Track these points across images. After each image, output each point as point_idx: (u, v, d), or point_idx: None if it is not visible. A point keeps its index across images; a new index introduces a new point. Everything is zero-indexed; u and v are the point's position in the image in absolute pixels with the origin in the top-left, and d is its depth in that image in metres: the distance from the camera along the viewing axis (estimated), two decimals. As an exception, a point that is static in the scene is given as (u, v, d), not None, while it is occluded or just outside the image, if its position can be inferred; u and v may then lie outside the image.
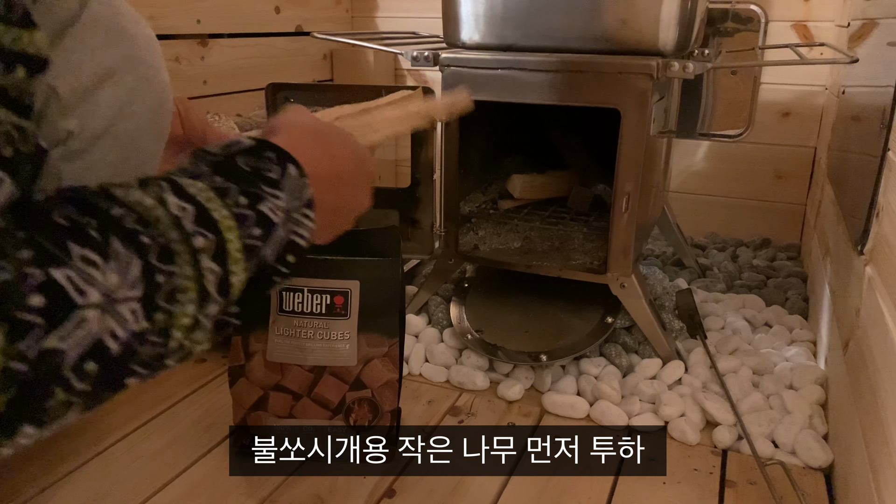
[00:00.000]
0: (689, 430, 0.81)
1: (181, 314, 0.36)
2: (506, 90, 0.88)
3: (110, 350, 0.33)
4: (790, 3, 1.33)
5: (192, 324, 0.37)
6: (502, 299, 1.03)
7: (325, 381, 0.74)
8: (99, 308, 0.32)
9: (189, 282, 0.36)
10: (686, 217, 1.37)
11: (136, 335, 0.34)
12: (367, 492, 0.72)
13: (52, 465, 0.75)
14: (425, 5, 1.12)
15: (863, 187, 0.78)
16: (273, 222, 0.41)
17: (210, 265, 0.37)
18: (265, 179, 0.41)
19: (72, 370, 0.31)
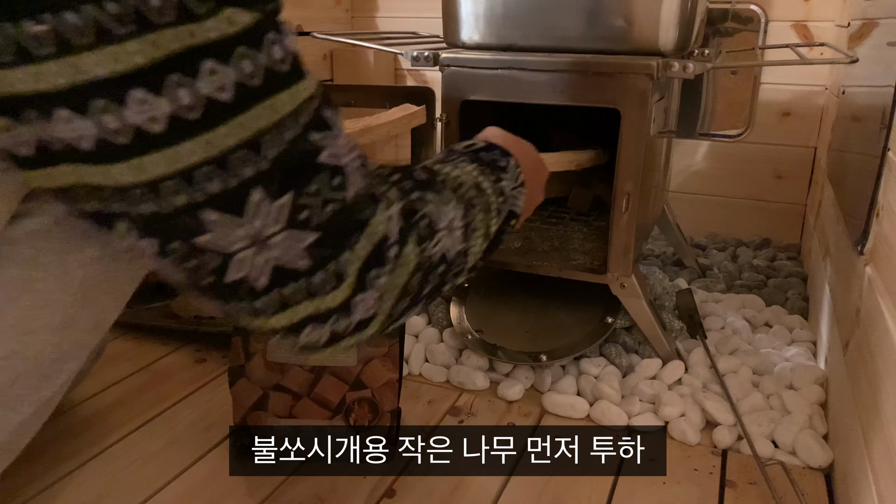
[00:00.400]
0: (689, 430, 0.81)
1: (474, 244, 0.56)
2: (506, 90, 0.88)
3: (448, 259, 0.52)
4: (790, 3, 1.33)
5: (478, 252, 0.57)
6: (502, 299, 1.03)
7: (325, 381, 0.74)
8: (445, 231, 0.51)
9: (480, 224, 0.56)
10: (686, 217, 1.37)
11: (458, 252, 0.53)
12: (367, 492, 0.72)
13: (52, 465, 0.75)
14: (425, 5, 1.12)
15: (863, 187, 0.79)
16: (506, 194, 0.60)
17: (487, 215, 0.57)
18: (498, 167, 0.61)
19: (434, 271, 0.51)
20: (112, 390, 0.91)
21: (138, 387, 0.92)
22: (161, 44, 0.34)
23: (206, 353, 1.00)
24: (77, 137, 0.35)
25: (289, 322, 0.44)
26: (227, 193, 0.38)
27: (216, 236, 0.39)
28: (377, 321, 0.47)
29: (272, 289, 0.42)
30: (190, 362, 0.98)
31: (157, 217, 0.38)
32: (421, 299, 0.51)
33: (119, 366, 0.96)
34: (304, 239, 0.41)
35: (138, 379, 0.94)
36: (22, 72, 0.33)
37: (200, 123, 0.36)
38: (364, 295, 0.45)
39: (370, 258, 0.45)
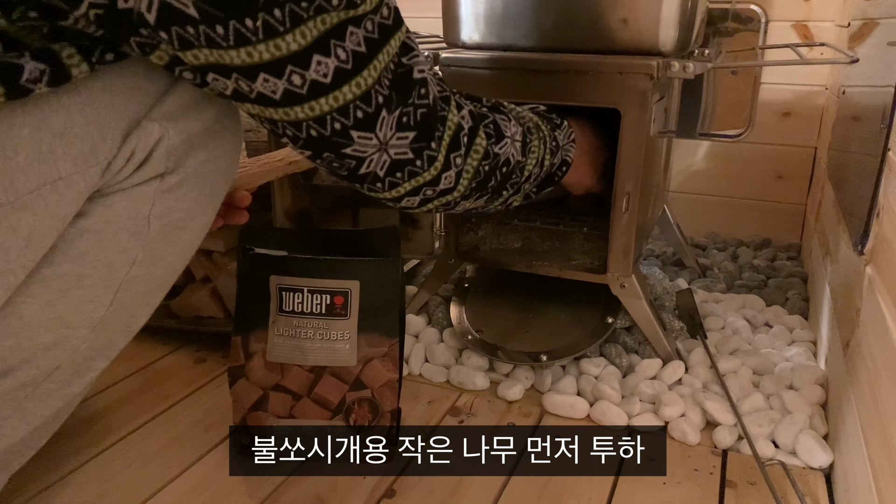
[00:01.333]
0: (690, 431, 0.81)
1: (531, 162, 0.73)
2: (506, 90, 0.88)
3: (510, 164, 0.70)
4: (790, 3, 1.33)
5: (531, 172, 0.74)
6: (502, 299, 1.03)
7: (325, 382, 0.74)
8: (509, 140, 0.69)
9: (536, 149, 0.73)
10: (686, 217, 1.37)
11: (517, 162, 0.70)
12: (367, 492, 0.72)
13: (52, 465, 0.75)
14: (425, 5, 1.12)
15: (863, 187, 0.78)
16: (559, 144, 0.78)
17: (542, 147, 0.74)
18: (554, 124, 0.78)
19: (497, 172, 0.68)
20: (112, 390, 0.91)
21: (138, 387, 0.92)
22: (328, 20, 0.48)
23: (206, 353, 1.00)
24: (272, 91, 0.49)
25: (396, 195, 0.62)
26: (367, 117, 0.54)
27: (358, 146, 0.55)
28: (458, 191, 0.66)
29: (388, 175, 0.59)
30: (190, 362, 0.98)
31: (318, 137, 0.53)
32: (486, 191, 0.69)
33: (119, 366, 0.96)
34: (407, 137, 0.58)
35: (138, 379, 0.94)
36: (237, 51, 0.47)
37: (351, 71, 0.51)
38: (448, 172, 0.63)
39: (451, 144, 0.62)
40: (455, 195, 0.66)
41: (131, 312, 0.59)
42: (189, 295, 1.03)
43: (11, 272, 0.48)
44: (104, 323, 0.56)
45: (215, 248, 1.01)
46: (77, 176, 0.48)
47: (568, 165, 0.79)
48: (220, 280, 1.01)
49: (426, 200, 0.65)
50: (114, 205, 0.53)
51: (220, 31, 0.45)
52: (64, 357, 0.55)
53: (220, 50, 0.47)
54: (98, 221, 0.52)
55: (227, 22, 0.45)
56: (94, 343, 0.57)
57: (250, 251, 0.76)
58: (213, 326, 1.01)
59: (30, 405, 0.56)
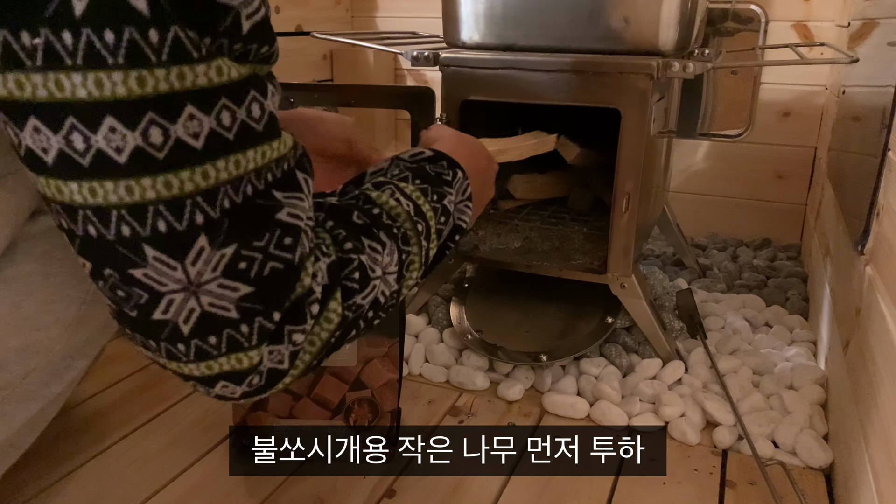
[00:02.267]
0: (690, 431, 0.81)
1: (410, 278, 0.53)
2: (506, 90, 0.88)
3: (380, 303, 0.50)
4: (790, 3, 1.33)
5: (413, 283, 0.54)
6: (502, 299, 1.03)
7: (325, 381, 0.74)
8: (379, 279, 0.49)
9: (416, 256, 0.53)
10: (686, 217, 1.37)
11: (391, 293, 0.51)
12: (367, 492, 0.72)
13: (52, 465, 0.75)
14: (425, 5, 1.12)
15: (863, 187, 0.78)
16: (450, 212, 0.57)
17: (424, 244, 0.54)
18: (444, 181, 0.57)
19: (363, 317, 0.49)
20: (112, 390, 0.91)
21: (138, 387, 0.92)
22: (147, 81, 0.35)
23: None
24: (42, 149, 0.36)
25: (203, 375, 0.42)
26: (173, 235, 0.38)
27: (152, 272, 0.38)
28: (292, 374, 0.46)
29: (195, 336, 0.40)
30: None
31: (98, 241, 0.38)
32: (345, 342, 0.50)
33: (119, 366, 0.96)
34: (238, 290, 0.40)
35: (138, 379, 0.94)
36: (5, 77, 0.34)
37: (164, 164, 0.36)
38: (279, 347, 0.43)
39: (288, 314, 0.43)
40: (290, 377, 0.46)
41: None
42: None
43: None
44: (80, 322, 0.54)
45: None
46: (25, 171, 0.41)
47: (462, 231, 0.60)
48: (220, 280, 1.01)
49: (250, 394, 0.45)
50: None
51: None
52: (38, 359, 0.53)
53: None
54: None
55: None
56: (70, 342, 0.55)
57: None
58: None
59: (8, 408, 0.54)
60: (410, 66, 0.99)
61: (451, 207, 0.57)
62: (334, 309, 0.46)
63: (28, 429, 0.58)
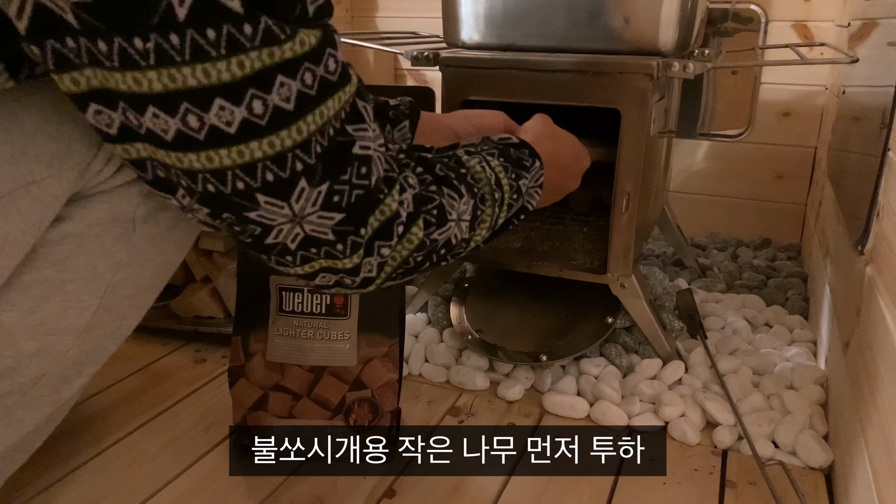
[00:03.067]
0: (690, 431, 0.81)
1: (479, 233, 0.62)
2: (506, 90, 0.88)
3: (451, 244, 0.59)
4: (790, 3, 1.33)
5: (480, 239, 0.63)
6: (502, 299, 1.03)
7: (325, 381, 0.74)
8: (454, 223, 0.58)
9: (488, 217, 0.62)
10: (686, 217, 1.37)
11: (461, 239, 0.60)
12: (367, 492, 0.72)
13: (52, 465, 0.75)
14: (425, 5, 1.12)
15: (863, 187, 0.78)
16: (522, 192, 0.65)
17: (496, 210, 0.62)
18: (523, 165, 0.65)
19: (436, 252, 0.58)
20: (112, 390, 0.91)
21: (138, 387, 0.92)
22: (245, 64, 0.40)
23: (206, 353, 1.00)
24: (162, 129, 0.41)
25: (307, 272, 0.52)
26: (279, 182, 0.45)
27: (264, 213, 0.46)
28: (377, 282, 0.55)
29: (300, 250, 0.50)
30: (190, 362, 0.98)
31: (217, 195, 0.45)
32: (418, 270, 0.58)
33: (119, 366, 0.96)
34: (333, 218, 0.49)
35: (138, 379, 0.94)
36: (124, 75, 0.39)
37: (266, 128, 0.43)
38: (370, 259, 0.53)
39: (379, 232, 0.52)
40: (376, 284, 0.56)
41: (120, 316, 0.58)
42: (189, 295, 1.03)
43: None
44: (91, 328, 0.55)
45: (215, 248, 1.01)
46: (52, 179, 0.46)
47: (527, 211, 0.68)
48: (220, 280, 1.01)
49: (341, 285, 0.54)
50: (95, 207, 0.51)
51: (102, 48, 0.38)
52: (50, 364, 0.54)
53: (103, 70, 0.39)
54: (79, 225, 0.50)
55: (111, 38, 0.38)
56: (82, 348, 0.55)
57: (250, 251, 0.76)
58: (213, 326, 1.01)
59: (18, 412, 0.54)
60: (410, 66, 0.99)
61: (524, 189, 0.65)
62: (416, 233, 0.55)
63: (36, 434, 0.59)
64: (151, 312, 1.04)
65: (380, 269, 0.54)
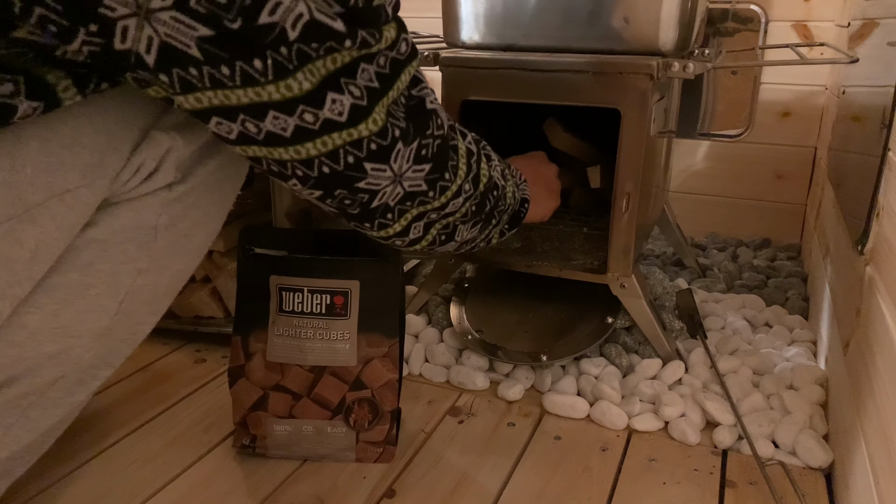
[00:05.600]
0: (690, 431, 0.81)
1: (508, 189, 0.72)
2: (506, 90, 0.88)
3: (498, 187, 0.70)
4: (790, 3, 1.33)
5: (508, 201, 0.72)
6: (502, 299, 1.03)
7: (325, 381, 0.74)
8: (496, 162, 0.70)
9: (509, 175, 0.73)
10: (686, 217, 1.37)
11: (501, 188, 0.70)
12: (367, 492, 0.72)
13: (52, 465, 0.75)
14: (425, 5, 1.12)
15: (863, 187, 0.78)
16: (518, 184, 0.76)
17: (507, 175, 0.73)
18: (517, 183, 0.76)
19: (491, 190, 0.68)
20: (112, 390, 0.91)
21: (138, 387, 0.92)
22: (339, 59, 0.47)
23: (206, 353, 1.00)
24: (282, 129, 0.48)
25: (403, 225, 0.60)
26: (382, 149, 0.52)
27: (371, 179, 0.54)
28: (458, 214, 0.64)
29: (399, 204, 0.58)
30: (190, 362, 0.98)
31: (330, 174, 0.52)
32: (481, 218, 0.68)
33: (119, 366, 0.96)
34: (423, 169, 0.57)
35: (138, 379, 0.94)
36: (244, 90, 0.45)
37: (365, 108, 0.50)
38: (456, 200, 0.62)
39: (466, 172, 0.62)
40: (456, 217, 0.64)
41: (137, 321, 0.59)
42: (189, 295, 1.02)
43: (17, 283, 0.47)
44: (109, 332, 0.56)
45: (215, 248, 1.01)
46: (85, 188, 0.48)
47: (528, 202, 0.77)
48: (220, 280, 1.01)
49: (430, 224, 0.63)
50: (120, 215, 0.52)
51: (225, 72, 0.44)
52: (68, 366, 0.55)
53: (225, 90, 0.45)
54: (104, 231, 0.52)
55: (234, 63, 0.43)
56: (98, 352, 0.57)
57: (250, 251, 0.76)
58: (213, 326, 1.01)
59: (34, 414, 0.55)
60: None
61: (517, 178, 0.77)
62: (484, 168, 0.66)
63: (47, 436, 0.59)
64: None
65: (464, 203, 0.63)
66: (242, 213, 1.02)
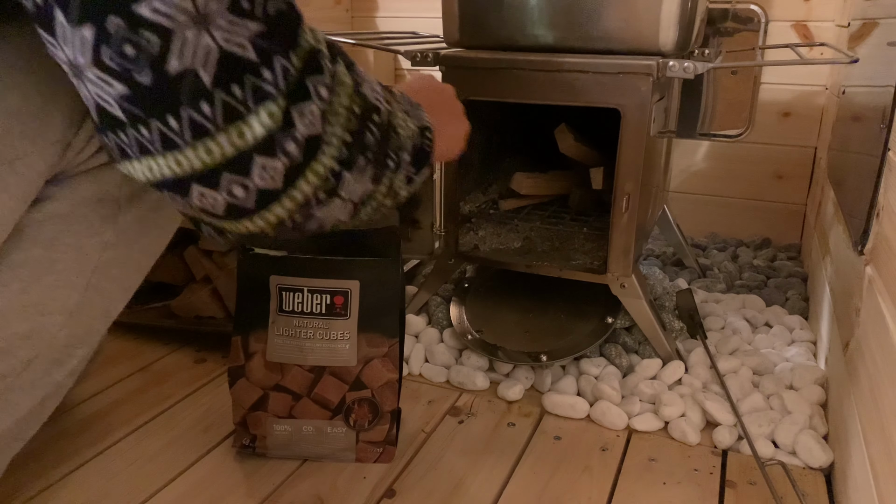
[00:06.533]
0: (690, 431, 0.81)
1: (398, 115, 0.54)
2: (506, 90, 0.88)
3: (381, 111, 0.51)
4: (790, 3, 1.33)
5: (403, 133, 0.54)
6: (502, 299, 1.03)
7: (325, 381, 0.74)
8: (368, 81, 0.51)
9: (395, 101, 0.55)
10: (686, 217, 1.37)
11: (387, 112, 0.52)
12: (367, 492, 0.72)
13: (52, 465, 0.75)
14: (425, 5, 1.12)
15: (863, 187, 0.78)
16: (409, 105, 0.57)
17: (394, 100, 0.55)
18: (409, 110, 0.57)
19: (368, 110, 0.50)
20: (112, 390, 0.91)
21: (138, 387, 0.92)
22: None
23: (206, 353, 1.00)
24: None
25: (236, 149, 0.42)
26: None
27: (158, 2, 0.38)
28: (327, 151, 0.45)
29: (219, 84, 0.40)
30: (190, 362, 0.98)
31: None
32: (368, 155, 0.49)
33: (119, 366, 0.96)
34: (247, 26, 0.41)
35: (138, 379, 0.94)
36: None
37: None
38: (307, 105, 0.44)
39: (307, 65, 0.44)
40: (327, 157, 0.46)
41: (108, 298, 0.58)
42: (189, 295, 1.03)
43: None
44: (81, 309, 0.55)
45: (215, 248, 1.01)
46: (35, 155, 0.47)
47: (430, 130, 0.59)
48: (220, 280, 1.01)
49: (293, 169, 0.45)
50: (80, 187, 0.51)
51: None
52: (42, 346, 0.54)
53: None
54: (65, 205, 0.51)
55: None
56: (72, 330, 0.56)
57: (250, 251, 0.76)
58: (213, 326, 1.01)
59: (12, 396, 0.55)
60: (410, 66, 0.99)
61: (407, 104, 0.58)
62: (342, 73, 0.48)
63: (31, 419, 0.59)
64: (151, 312, 1.05)
65: (325, 126, 0.45)
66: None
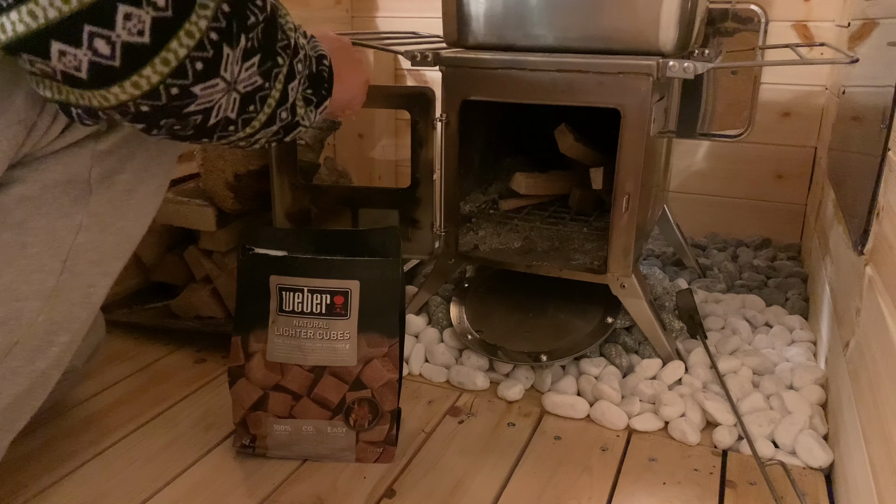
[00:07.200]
0: (690, 431, 0.81)
1: (282, 13, 0.52)
2: (506, 90, 0.88)
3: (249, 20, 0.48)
4: (790, 3, 1.33)
5: (291, 36, 0.53)
6: (502, 299, 1.03)
7: (325, 381, 0.74)
8: None
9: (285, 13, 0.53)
10: (686, 217, 1.37)
11: (272, 6, 0.50)
12: (367, 492, 0.72)
13: (52, 465, 0.75)
14: (425, 5, 1.12)
15: (863, 187, 0.78)
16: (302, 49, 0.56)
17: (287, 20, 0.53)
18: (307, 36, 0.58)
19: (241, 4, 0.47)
20: (112, 390, 0.91)
21: (138, 387, 0.92)
22: None
23: (206, 353, 1.00)
24: (74, 68, 0.41)
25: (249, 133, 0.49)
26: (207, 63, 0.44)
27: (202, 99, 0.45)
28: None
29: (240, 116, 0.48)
30: (190, 362, 0.98)
31: (150, 111, 0.44)
32: (243, 38, 0.46)
33: (119, 366, 0.96)
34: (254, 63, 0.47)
35: (138, 379, 0.94)
36: None
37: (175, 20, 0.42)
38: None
39: None
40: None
41: (88, 282, 0.57)
42: (189, 295, 1.03)
43: None
44: (58, 293, 0.55)
45: (215, 248, 1.01)
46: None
47: (326, 59, 0.60)
48: (220, 280, 1.01)
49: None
50: (48, 169, 0.51)
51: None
52: (20, 331, 0.54)
53: (2, 14, 0.39)
54: (34, 187, 0.51)
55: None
56: (50, 315, 0.55)
57: (250, 251, 0.76)
58: (213, 326, 1.01)
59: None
60: (410, 67, 0.99)
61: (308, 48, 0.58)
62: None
63: (16, 409, 0.58)
64: (151, 312, 1.05)
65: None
66: (243, 213, 1.02)
